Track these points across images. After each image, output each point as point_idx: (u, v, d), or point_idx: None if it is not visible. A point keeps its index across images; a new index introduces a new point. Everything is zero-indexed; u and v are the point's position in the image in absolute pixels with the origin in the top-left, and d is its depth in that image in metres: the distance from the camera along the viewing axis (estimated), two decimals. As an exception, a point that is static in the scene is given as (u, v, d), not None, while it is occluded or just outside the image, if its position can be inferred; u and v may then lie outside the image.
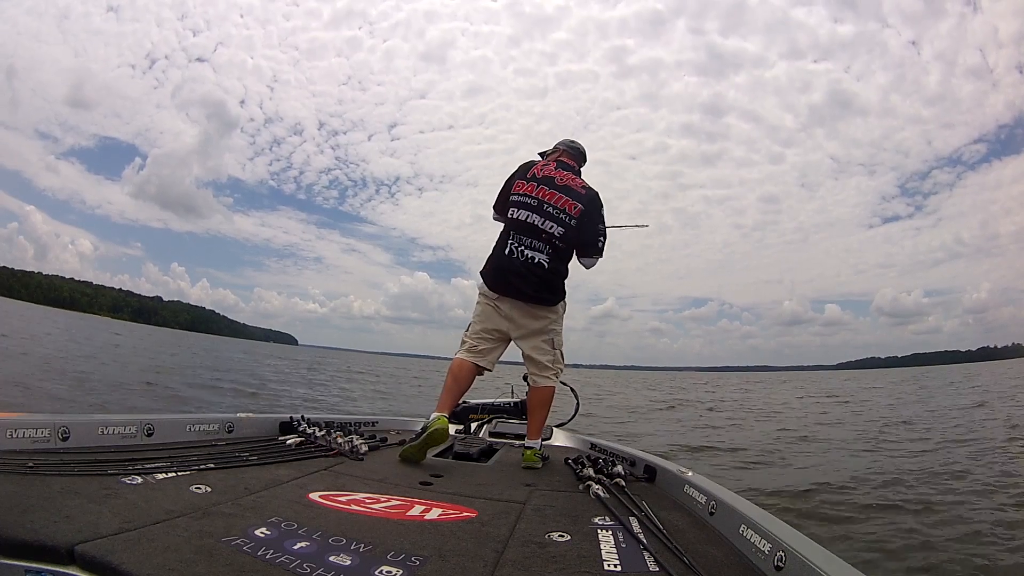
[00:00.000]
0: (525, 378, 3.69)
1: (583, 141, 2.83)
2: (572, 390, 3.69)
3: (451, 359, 2.65)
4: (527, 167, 2.69)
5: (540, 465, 2.44)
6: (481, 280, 2.67)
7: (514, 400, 3.60)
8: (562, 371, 2.72)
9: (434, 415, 2.41)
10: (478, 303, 2.69)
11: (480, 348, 2.64)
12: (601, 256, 2.73)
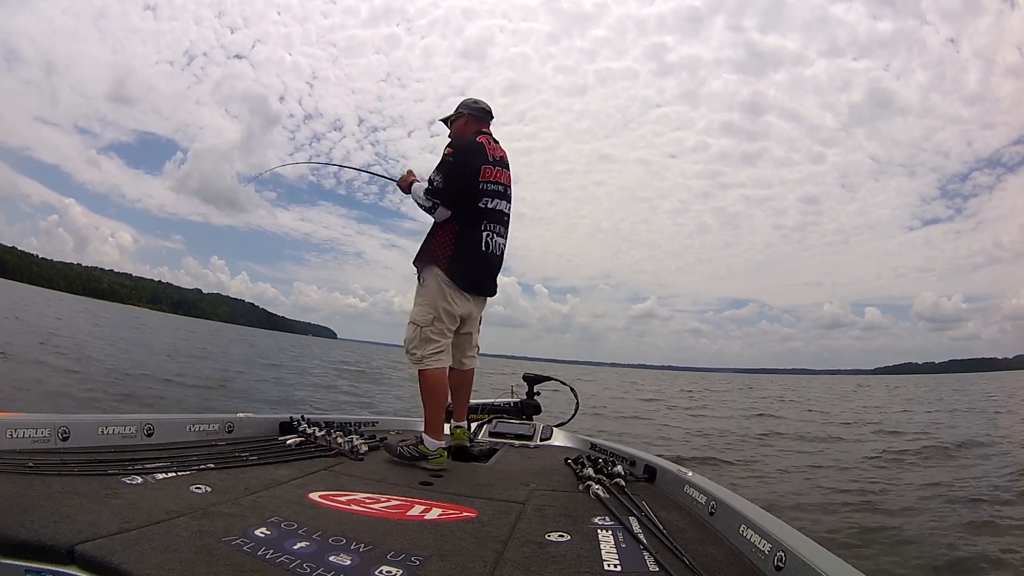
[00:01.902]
0: (525, 377, 3.69)
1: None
2: (572, 390, 3.69)
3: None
4: (481, 147, 2.45)
5: (470, 444, 2.60)
6: (447, 277, 2.38)
7: (514, 400, 3.60)
8: None
9: (433, 445, 2.30)
10: (438, 297, 2.38)
11: (449, 348, 2.49)
12: None
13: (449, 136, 2.58)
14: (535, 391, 3.65)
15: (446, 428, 2.57)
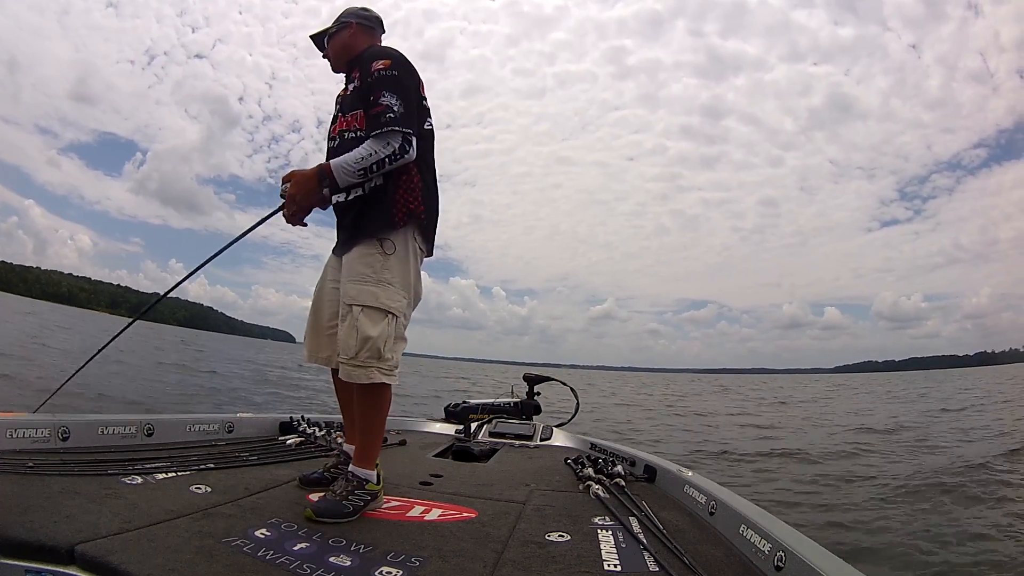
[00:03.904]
0: (525, 377, 3.69)
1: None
2: (572, 390, 3.69)
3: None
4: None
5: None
6: (422, 239, 1.73)
7: (514, 400, 3.61)
8: None
9: (373, 476, 1.61)
10: (412, 271, 1.70)
11: None
12: None
13: (326, 57, 1.91)
14: (535, 391, 3.65)
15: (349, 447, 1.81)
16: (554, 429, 3.22)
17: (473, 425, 3.22)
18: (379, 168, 1.60)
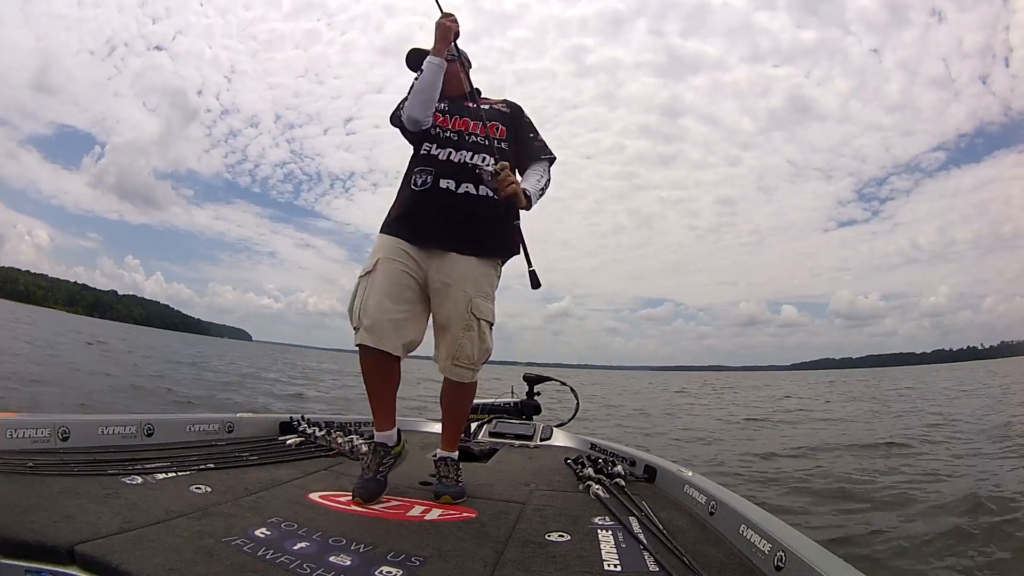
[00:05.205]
0: (525, 377, 3.69)
1: None
2: (572, 390, 3.69)
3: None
4: None
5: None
6: None
7: (514, 400, 3.60)
8: None
9: None
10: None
11: None
12: None
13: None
14: (535, 391, 3.65)
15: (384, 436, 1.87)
16: (554, 429, 3.22)
17: (473, 425, 3.22)
18: (547, 188, 1.99)
